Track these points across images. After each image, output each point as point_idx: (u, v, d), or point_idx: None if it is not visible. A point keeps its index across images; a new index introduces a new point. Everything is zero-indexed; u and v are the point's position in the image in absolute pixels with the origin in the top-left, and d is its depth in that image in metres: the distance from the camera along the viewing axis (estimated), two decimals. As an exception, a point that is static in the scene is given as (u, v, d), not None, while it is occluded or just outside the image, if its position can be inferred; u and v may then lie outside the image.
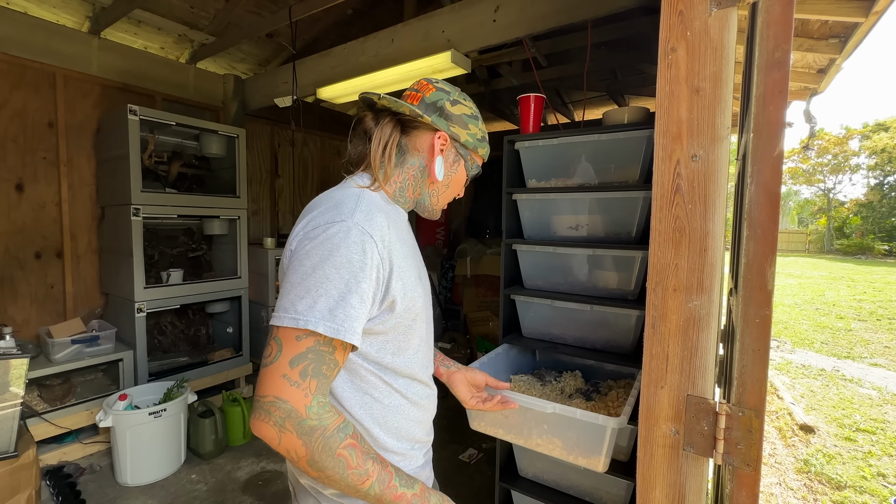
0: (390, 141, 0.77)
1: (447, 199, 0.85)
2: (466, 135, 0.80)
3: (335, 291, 0.62)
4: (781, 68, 0.60)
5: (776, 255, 0.62)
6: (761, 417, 0.64)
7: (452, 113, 0.79)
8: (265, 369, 0.61)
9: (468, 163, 0.83)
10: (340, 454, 0.60)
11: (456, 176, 0.83)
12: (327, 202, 0.70)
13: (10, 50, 2.37)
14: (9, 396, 1.76)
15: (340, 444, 0.61)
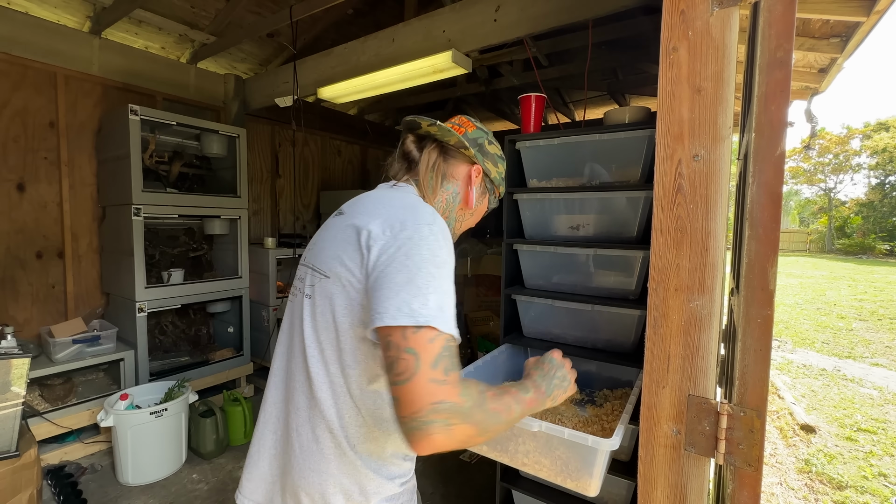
0: (436, 164, 0.85)
1: (469, 225, 0.94)
2: (496, 171, 0.91)
3: (440, 290, 0.63)
4: (783, 68, 0.60)
5: (778, 255, 0.62)
6: (763, 417, 0.64)
7: (488, 151, 0.89)
8: (408, 384, 0.56)
9: (491, 196, 0.94)
10: (493, 408, 0.63)
11: (480, 206, 0.92)
12: (400, 205, 0.73)
13: (11, 50, 2.37)
14: (10, 396, 1.76)
15: (488, 401, 0.63)
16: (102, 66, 2.71)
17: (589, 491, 0.88)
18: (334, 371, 0.71)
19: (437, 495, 2.10)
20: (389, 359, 0.59)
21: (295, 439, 0.74)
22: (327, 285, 0.71)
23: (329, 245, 0.74)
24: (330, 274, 0.71)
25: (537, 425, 0.91)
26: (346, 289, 0.69)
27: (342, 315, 0.69)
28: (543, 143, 1.59)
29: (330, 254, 0.72)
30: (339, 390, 0.71)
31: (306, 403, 0.73)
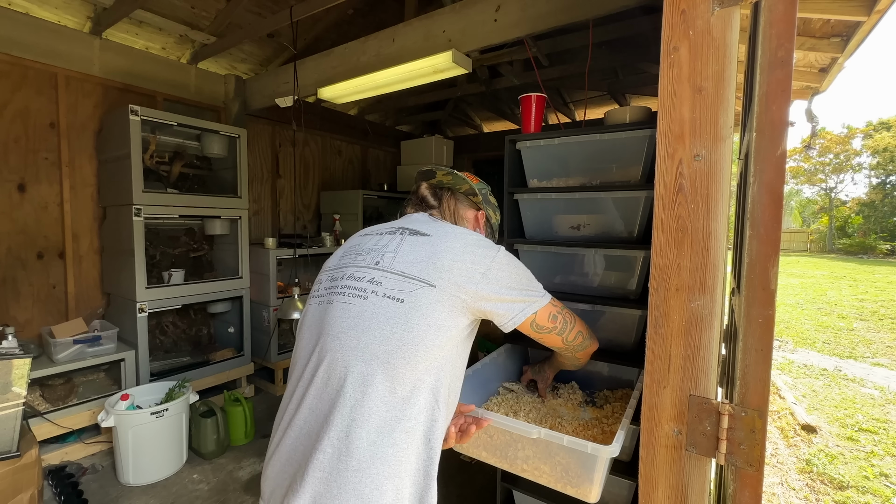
0: (454, 210, 1.01)
1: None
2: (495, 218, 1.08)
3: (534, 280, 0.91)
4: (784, 67, 0.60)
5: (779, 255, 0.62)
6: (764, 418, 0.64)
7: (490, 200, 1.06)
8: (572, 325, 0.98)
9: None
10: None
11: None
12: (470, 239, 0.84)
13: (11, 51, 2.38)
14: (11, 396, 1.77)
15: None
16: (103, 67, 2.71)
17: (589, 497, 0.88)
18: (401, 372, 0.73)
19: (439, 496, 2.10)
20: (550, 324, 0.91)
21: None
22: (429, 293, 0.75)
23: (429, 258, 0.79)
24: (437, 283, 0.76)
25: (536, 432, 0.90)
26: (453, 298, 0.76)
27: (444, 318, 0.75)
28: (544, 142, 1.59)
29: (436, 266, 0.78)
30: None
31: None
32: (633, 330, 1.48)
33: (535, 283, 0.90)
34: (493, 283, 0.79)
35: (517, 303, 0.83)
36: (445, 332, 0.74)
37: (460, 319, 0.77)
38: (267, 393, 3.26)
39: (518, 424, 0.92)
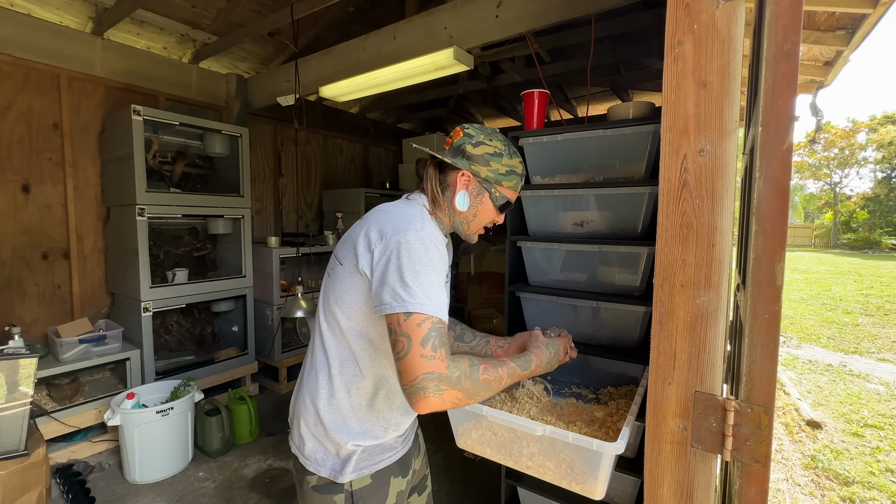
0: (433, 177, 0.96)
1: (477, 226, 1.00)
2: (487, 171, 0.93)
3: (427, 283, 0.79)
4: (790, 60, 0.59)
5: (785, 250, 0.62)
6: (771, 414, 0.63)
7: (473, 154, 0.92)
8: (404, 360, 0.74)
9: (493, 195, 0.95)
10: (484, 379, 0.79)
11: (482, 206, 0.96)
12: (396, 215, 0.87)
13: (14, 52, 2.38)
14: (18, 396, 1.78)
15: (479, 374, 0.79)
16: (105, 67, 2.72)
17: (595, 494, 0.88)
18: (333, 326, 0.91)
19: (443, 492, 2.11)
20: (392, 340, 0.77)
21: None
22: (339, 270, 0.91)
23: (348, 241, 0.92)
24: (344, 262, 0.90)
25: (541, 429, 0.90)
26: (351, 274, 0.87)
27: (346, 293, 0.88)
28: (547, 139, 1.59)
29: (348, 248, 0.90)
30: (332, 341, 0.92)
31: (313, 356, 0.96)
32: (637, 327, 1.48)
33: (420, 286, 0.77)
34: (377, 265, 0.81)
35: (385, 293, 0.78)
36: (348, 304, 0.87)
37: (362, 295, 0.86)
38: (271, 391, 3.27)
39: (522, 421, 0.92)
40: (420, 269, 0.79)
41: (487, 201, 0.96)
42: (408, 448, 0.99)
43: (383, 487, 0.91)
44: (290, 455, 2.40)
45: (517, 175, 0.96)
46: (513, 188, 0.97)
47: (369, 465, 0.90)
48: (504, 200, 0.97)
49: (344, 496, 0.88)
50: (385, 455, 0.93)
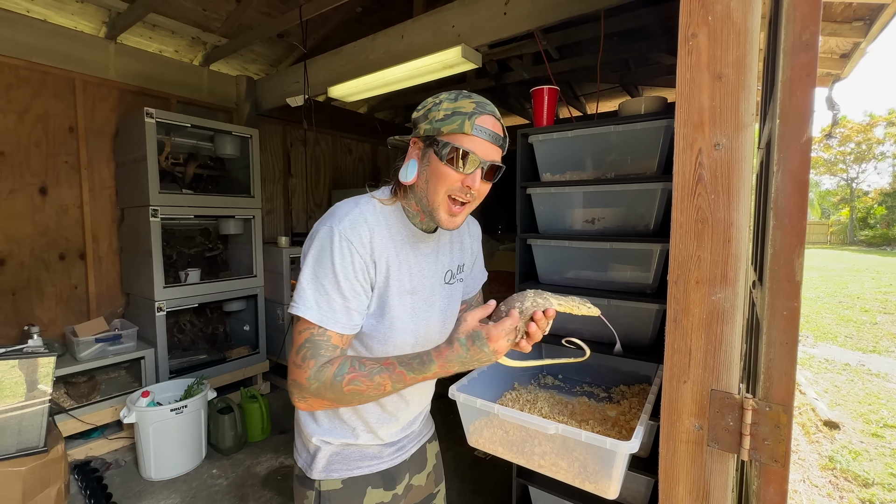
0: (397, 164, 0.86)
1: (436, 196, 0.79)
2: (426, 125, 0.78)
3: (317, 286, 0.75)
4: (809, 51, 0.58)
5: (805, 246, 0.60)
6: (790, 412, 0.62)
7: (418, 118, 0.81)
8: (287, 361, 0.77)
9: (438, 148, 0.77)
10: (350, 389, 0.72)
11: (430, 168, 0.78)
12: (333, 208, 0.82)
13: (31, 57, 2.43)
14: (37, 394, 1.82)
15: (343, 383, 0.72)
16: (118, 71, 2.76)
17: (608, 494, 0.86)
18: None
19: (453, 491, 2.11)
20: None
21: None
22: None
23: None
24: None
25: (553, 427, 0.89)
26: None
27: None
28: (557, 136, 1.57)
29: None
30: None
31: None
32: (650, 324, 1.46)
33: (313, 290, 0.75)
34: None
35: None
36: None
37: None
38: (282, 390, 3.30)
39: (534, 420, 0.92)
40: (318, 270, 0.75)
41: (434, 160, 0.78)
42: (400, 461, 0.93)
43: (356, 497, 0.87)
44: (301, 453, 2.43)
45: (461, 114, 0.75)
46: (456, 130, 0.75)
47: (341, 469, 0.88)
48: (448, 148, 0.75)
49: (314, 494, 0.87)
50: (364, 463, 0.89)
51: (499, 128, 0.80)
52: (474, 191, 0.78)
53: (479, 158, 0.76)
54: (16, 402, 1.78)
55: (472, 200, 0.81)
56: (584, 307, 0.79)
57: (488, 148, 0.77)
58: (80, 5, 2.56)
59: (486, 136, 0.76)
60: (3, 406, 1.77)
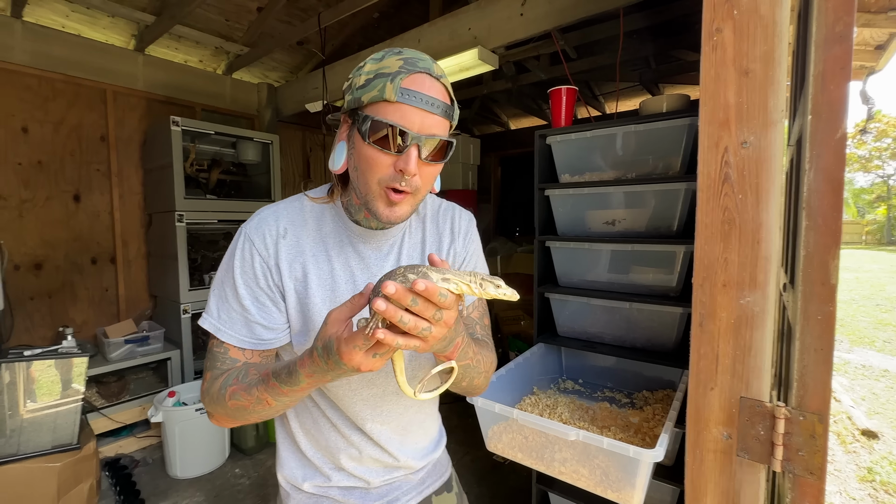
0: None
1: (367, 186, 0.63)
2: (348, 96, 0.62)
3: (220, 293, 0.68)
4: (843, 43, 0.55)
5: (840, 247, 0.57)
6: (826, 422, 0.59)
7: (344, 89, 0.65)
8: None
9: (358, 124, 0.61)
10: (233, 404, 0.62)
11: (356, 152, 0.63)
12: None
13: (67, 70, 2.55)
14: (71, 392, 1.89)
15: (226, 398, 0.63)
16: (146, 81, 2.87)
17: (632, 503, 0.84)
18: None
19: (471, 496, 2.09)
20: None
21: None
22: None
23: None
24: None
25: (574, 434, 0.87)
26: None
27: None
28: (576, 136, 1.55)
29: None
30: None
31: None
32: (673, 328, 1.42)
33: (215, 298, 0.68)
34: None
35: None
36: None
37: None
38: (302, 391, 3.35)
39: (555, 426, 0.90)
40: (223, 275, 0.68)
41: (358, 141, 0.61)
42: None
43: None
44: (321, 454, 2.45)
45: (384, 76, 0.58)
46: (377, 97, 0.58)
47: None
48: (368, 123, 0.58)
49: None
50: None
51: (438, 90, 0.60)
52: (412, 177, 0.60)
53: (410, 132, 0.58)
54: (52, 400, 1.86)
55: (418, 188, 0.63)
56: (491, 286, 0.50)
57: (424, 117, 0.59)
58: (111, 20, 2.67)
59: (419, 103, 0.58)
60: (40, 404, 1.85)
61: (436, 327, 0.48)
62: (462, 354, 0.62)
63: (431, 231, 0.78)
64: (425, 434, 0.83)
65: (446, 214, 0.80)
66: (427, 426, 0.83)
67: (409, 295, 0.45)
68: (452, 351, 0.59)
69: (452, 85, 0.67)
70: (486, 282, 0.50)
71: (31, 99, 2.48)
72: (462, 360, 0.63)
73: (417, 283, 0.44)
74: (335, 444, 0.75)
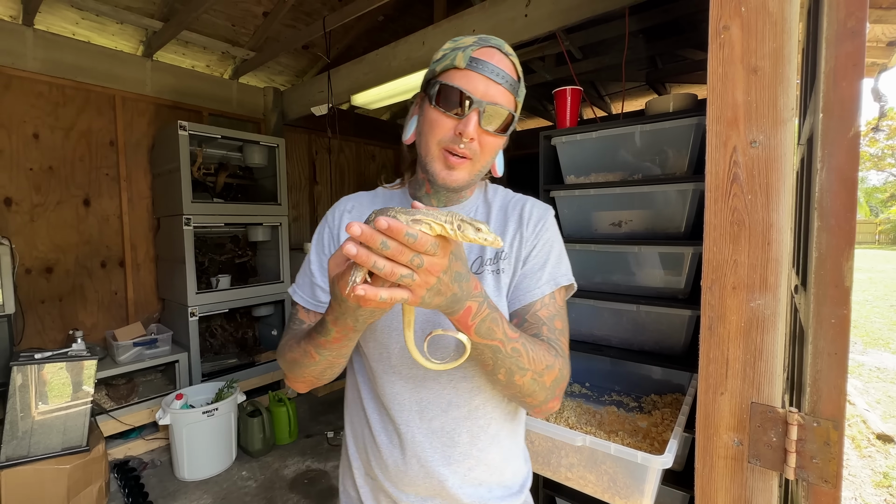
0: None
1: (428, 148, 0.66)
2: (427, 73, 0.68)
3: (303, 263, 0.76)
4: (855, 38, 0.54)
5: (854, 248, 0.56)
6: (841, 429, 0.57)
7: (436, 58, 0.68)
8: None
9: (429, 90, 0.65)
10: (289, 356, 0.65)
11: (423, 118, 0.67)
12: None
13: (77, 77, 2.59)
14: (81, 395, 1.91)
15: (284, 351, 0.66)
16: (154, 86, 2.90)
17: None
18: None
19: (478, 499, 2.07)
20: None
21: None
22: None
23: None
24: None
25: (581, 439, 0.86)
26: None
27: None
28: (581, 137, 1.54)
29: None
30: None
31: None
32: (682, 331, 1.40)
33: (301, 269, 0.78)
34: None
35: None
36: None
37: None
38: (308, 394, 3.35)
39: (560, 431, 0.89)
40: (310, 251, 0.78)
41: (427, 108, 0.65)
42: None
43: None
44: (327, 457, 2.46)
45: (457, 49, 0.63)
46: (448, 66, 0.63)
47: None
48: (437, 87, 0.63)
49: None
50: None
51: (506, 64, 0.64)
52: (469, 140, 0.62)
53: (472, 97, 0.61)
54: (62, 402, 1.88)
55: (476, 155, 0.65)
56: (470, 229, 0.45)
57: (489, 86, 0.61)
58: (120, 26, 2.71)
59: (486, 71, 0.61)
60: (50, 406, 1.87)
61: (418, 275, 0.44)
62: (486, 330, 0.54)
63: (498, 216, 0.74)
64: (487, 465, 0.71)
65: (517, 203, 0.76)
66: (489, 454, 0.70)
67: (377, 236, 0.41)
68: (463, 314, 0.52)
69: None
70: (466, 224, 0.45)
71: (42, 105, 2.51)
72: (486, 337, 0.54)
73: (379, 221, 0.41)
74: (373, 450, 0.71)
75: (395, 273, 0.43)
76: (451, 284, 0.48)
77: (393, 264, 0.43)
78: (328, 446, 2.58)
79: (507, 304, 0.70)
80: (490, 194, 0.78)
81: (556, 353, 0.64)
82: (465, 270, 0.50)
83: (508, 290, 0.71)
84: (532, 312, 0.69)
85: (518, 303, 0.70)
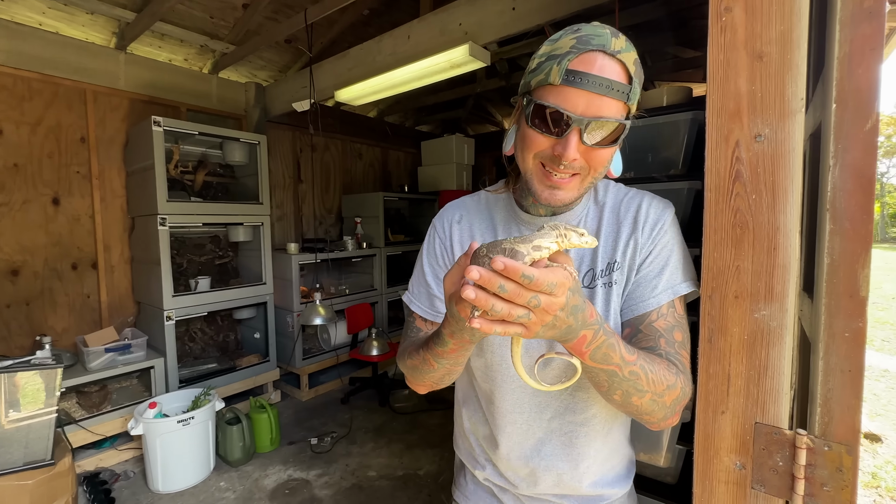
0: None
1: (526, 159, 0.63)
2: (523, 80, 0.63)
3: (416, 272, 0.80)
4: (874, 19, 0.48)
5: (870, 254, 0.50)
6: (854, 453, 0.52)
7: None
8: None
9: (526, 110, 0.61)
10: (409, 363, 0.69)
11: (520, 132, 0.64)
12: None
13: (44, 69, 2.46)
14: (45, 405, 1.80)
15: (405, 357, 0.70)
16: (129, 81, 2.78)
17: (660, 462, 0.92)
18: None
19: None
20: None
21: None
22: None
23: None
24: None
25: None
26: None
27: None
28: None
29: None
30: None
31: None
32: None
33: (414, 275, 0.83)
34: None
35: None
36: None
37: None
38: (293, 398, 3.26)
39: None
40: (419, 259, 0.81)
41: (523, 124, 0.63)
42: None
43: None
44: (310, 465, 2.38)
45: (553, 58, 0.57)
46: (543, 81, 0.58)
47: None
48: (532, 107, 0.59)
49: None
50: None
51: (611, 69, 0.56)
52: (569, 161, 0.58)
53: (571, 116, 0.56)
54: (23, 414, 1.77)
55: (584, 170, 0.61)
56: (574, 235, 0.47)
57: (591, 100, 0.56)
58: (91, 17, 2.58)
59: (585, 85, 0.55)
60: (11, 417, 1.76)
61: (535, 314, 0.43)
62: (601, 356, 0.52)
63: (610, 221, 0.70)
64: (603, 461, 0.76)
65: (631, 203, 0.70)
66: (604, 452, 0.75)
67: (495, 279, 0.41)
68: (577, 342, 0.50)
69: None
70: (570, 230, 0.47)
71: (5, 99, 2.38)
72: (602, 362, 0.53)
73: (496, 262, 0.40)
74: (486, 435, 0.79)
75: (513, 314, 0.43)
76: (566, 318, 0.46)
77: (511, 305, 0.42)
78: (311, 453, 2.50)
79: (618, 317, 0.69)
80: (601, 193, 0.73)
81: (677, 371, 0.62)
82: (582, 301, 0.48)
83: (621, 301, 0.69)
84: (647, 323, 0.66)
85: (631, 312, 0.67)
